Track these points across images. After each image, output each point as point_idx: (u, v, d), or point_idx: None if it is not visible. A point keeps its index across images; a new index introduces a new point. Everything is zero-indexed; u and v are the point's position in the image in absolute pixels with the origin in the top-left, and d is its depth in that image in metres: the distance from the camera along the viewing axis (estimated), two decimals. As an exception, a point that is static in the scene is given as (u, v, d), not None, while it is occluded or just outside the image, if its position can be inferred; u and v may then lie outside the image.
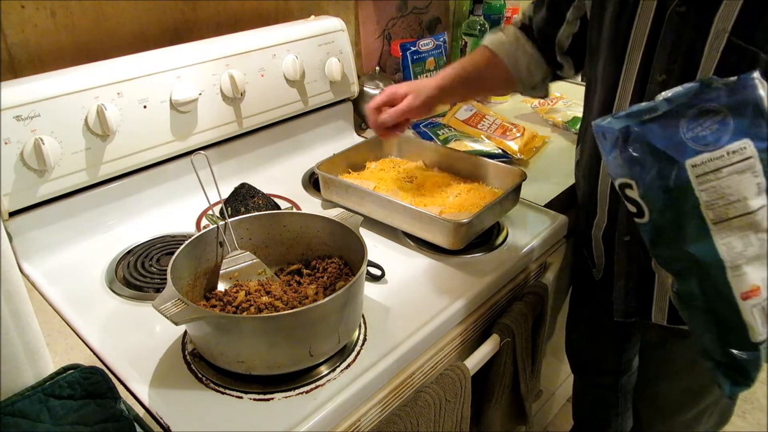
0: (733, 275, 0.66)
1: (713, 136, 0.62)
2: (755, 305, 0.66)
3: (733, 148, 0.62)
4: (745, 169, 0.62)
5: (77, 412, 0.64)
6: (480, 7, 1.71)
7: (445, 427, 0.91)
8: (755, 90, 0.62)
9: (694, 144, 0.63)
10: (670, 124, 0.64)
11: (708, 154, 0.62)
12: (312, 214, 0.91)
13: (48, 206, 0.99)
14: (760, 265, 0.65)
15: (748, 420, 1.89)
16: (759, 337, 0.68)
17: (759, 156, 0.62)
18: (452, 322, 0.92)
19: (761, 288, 0.66)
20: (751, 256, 0.65)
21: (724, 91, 0.63)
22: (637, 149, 0.66)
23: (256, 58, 1.20)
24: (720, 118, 0.62)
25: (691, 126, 0.63)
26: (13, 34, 0.99)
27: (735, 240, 0.64)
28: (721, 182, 0.63)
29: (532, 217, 1.15)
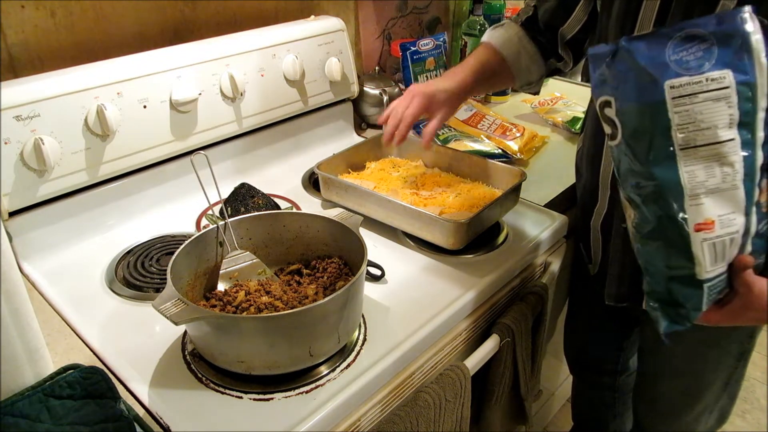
0: (690, 204, 0.66)
1: (697, 62, 0.63)
2: (706, 239, 0.67)
3: (713, 75, 0.63)
4: (721, 97, 0.63)
5: (77, 412, 0.64)
6: (480, 7, 1.71)
7: (445, 427, 0.91)
8: (744, 23, 0.63)
9: (677, 66, 0.64)
10: (657, 44, 0.65)
11: (688, 77, 0.64)
12: (312, 214, 0.91)
13: (48, 206, 0.99)
14: (719, 200, 0.66)
15: (748, 420, 1.89)
16: (705, 274, 0.69)
17: (736, 88, 0.63)
18: (452, 322, 0.92)
19: (715, 223, 0.66)
20: (711, 187, 0.65)
21: (714, 18, 0.64)
22: (621, 63, 0.67)
23: (256, 58, 1.20)
24: (706, 45, 0.63)
25: (677, 49, 0.64)
26: (13, 34, 0.99)
27: (699, 169, 0.65)
28: (695, 107, 0.64)
29: (532, 217, 1.15)
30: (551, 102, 1.61)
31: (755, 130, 0.65)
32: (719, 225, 0.67)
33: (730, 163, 0.65)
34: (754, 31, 0.63)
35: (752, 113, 0.64)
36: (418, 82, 1.49)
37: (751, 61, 0.63)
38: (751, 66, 0.63)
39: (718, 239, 0.67)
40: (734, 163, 0.65)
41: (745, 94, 0.63)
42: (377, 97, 1.45)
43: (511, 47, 1.08)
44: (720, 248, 0.68)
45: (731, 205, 0.66)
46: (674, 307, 0.72)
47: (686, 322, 0.73)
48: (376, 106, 1.47)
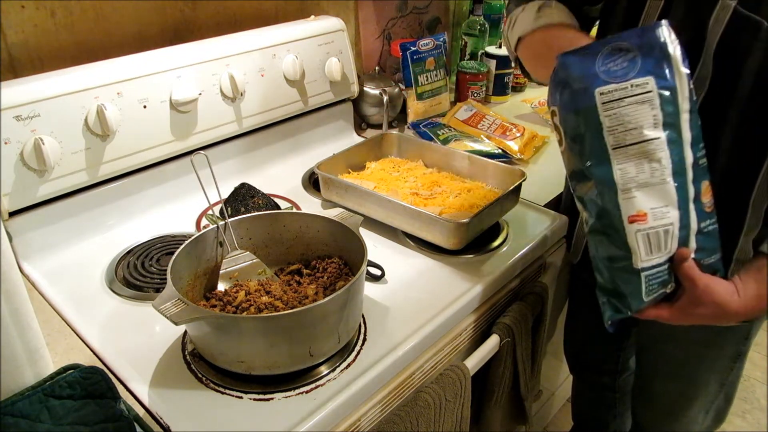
0: (623, 198, 0.72)
1: (622, 71, 0.70)
2: (640, 230, 0.73)
3: (637, 82, 0.70)
4: (645, 101, 0.70)
5: (77, 412, 0.64)
6: (480, 7, 1.71)
7: (445, 427, 0.91)
8: (662, 35, 0.69)
9: (605, 76, 0.71)
10: (588, 58, 0.72)
11: (615, 84, 0.70)
12: (312, 214, 0.91)
13: (48, 206, 0.99)
14: (649, 193, 0.72)
15: (748, 420, 1.89)
16: (640, 263, 0.74)
17: (658, 92, 0.70)
18: (452, 321, 0.92)
19: (647, 215, 0.72)
20: (642, 181, 0.71)
21: (637, 32, 0.71)
22: (559, 76, 0.74)
23: (256, 58, 1.20)
24: (631, 56, 0.70)
25: (605, 61, 0.71)
26: (13, 34, 0.99)
27: (630, 166, 0.71)
28: (622, 110, 0.70)
29: (532, 217, 1.15)
30: (551, 102, 1.61)
31: (680, 131, 0.71)
32: (652, 217, 0.72)
33: (657, 159, 0.71)
34: (672, 42, 0.70)
35: (675, 115, 0.70)
36: (418, 82, 1.49)
37: (671, 69, 0.70)
38: (671, 73, 0.70)
39: (651, 230, 0.73)
40: (661, 159, 0.71)
41: (667, 98, 0.70)
42: (377, 97, 1.45)
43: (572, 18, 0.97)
44: (654, 239, 0.73)
45: (662, 199, 0.72)
46: (617, 297, 0.78)
47: (627, 310, 0.78)
48: (376, 106, 1.48)
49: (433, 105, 1.55)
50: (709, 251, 0.75)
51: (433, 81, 1.53)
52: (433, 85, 1.53)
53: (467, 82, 1.63)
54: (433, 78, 1.52)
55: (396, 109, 1.52)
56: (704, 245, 0.75)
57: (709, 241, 0.75)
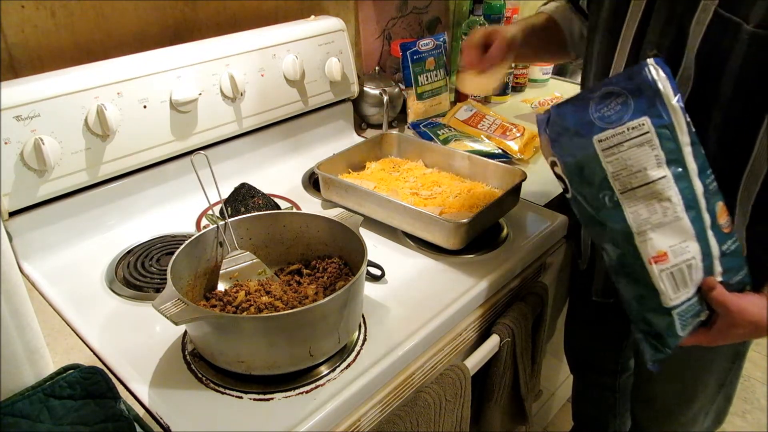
0: (640, 241, 0.72)
1: (616, 115, 0.70)
2: (663, 270, 0.72)
3: (633, 124, 0.70)
4: (644, 142, 0.70)
5: (77, 412, 0.64)
6: (480, 7, 1.71)
7: (445, 427, 0.91)
8: (649, 74, 0.69)
9: (600, 122, 0.71)
10: (581, 106, 0.72)
11: (612, 130, 0.70)
12: (312, 214, 0.91)
13: (48, 206, 0.99)
14: (666, 232, 0.71)
15: (748, 420, 1.89)
16: (670, 302, 0.73)
17: (656, 131, 0.69)
18: (452, 322, 0.92)
19: (668, 254, 0.72)
20: (656, 222, 0.71)
21: (624, 75, 0.71)
22: (555, 129, 0.75)
23: (256, 58, 1.20)
24: (622, 99, 0.70)
25: (598, 107, 0.71)
26: (13, 34, 0.99)
27: (641, 208, 0.71)
28: (623, 154, 0.70)
29: (532, 217, 1.15)
30: (551, 102, 1.61)
31: (685, 164, 0.71)
32: (672, 255, 0.72)
33: (667, 198, 0.70)
34: (660, 79, 0.69)
35: (677, 150, 0.70)
36: (418, 82, 1.49)
37: (663, 105, 0.69)
38: (665, 110, 0.69)
39: (674, 268, 0.72)
40: (671, 197, 0.70)
41: (666, 135, 0.69)
42: (377, 97, 1.45)
43: (562, 13, 1.08)
44: (679, 275, 0.73)
45: (679, 235, 0.71)
46: (653, 336, 0.77)
47: (666, 349, 0.77)
48: (376, 106, 1.48)
49: (433, 105, 1.55)
50: (736, 269, 0.75)
51: (433, 81, 1.53)
52: (433, 85, 1.53)
53: (467, 82, 1.63)
54: (433, 78, 1.52)
55: (396, 109, 1.52)
56: (729, 266, 0.74)
57: (734, 259, 0.75)
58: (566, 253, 1.19)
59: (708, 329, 0.77)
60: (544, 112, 0.77)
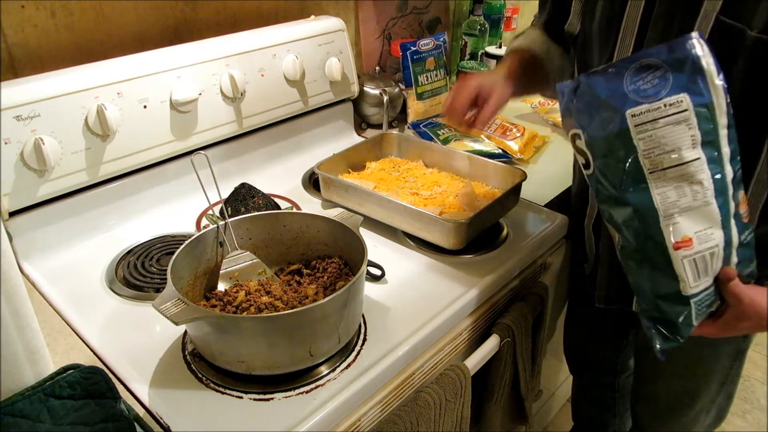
0: (666, 224, 0.69)
1: (653, 89, 0.66)
2: (686, 256, 0.69)
3: (670, 101, 0.66)
4: (681, 120, 0.66)
5: (77, 412, 0.64)
6: (480, 7, 1.71)
7: (445, 427, 0.91)
8: (693, 49, 0.66)
9: (635, 96, 0.67)
10: (615, 77, 0.68)
11: (647, 105, 0.66)
12: (312, 214, 0.91)
13: (48, 206, 0.99)
14: (693, 217, 0.68)
15: (748, 420, 1.89)
16: (689, 290, 0.71)
17: (694, 110, 0.66)
18: (452, 322, 0.92)
19: (693, 240, 0.69)
20: (684, 206, 0.68)
21: (665, 48, 0.67)
22: (583, 99, 0.70)
23: (256, 58, 1.20)
24: (660, 73, 0.66)
25: (633, 79, 0.67)
26: (13, 34, 0.99)
27: (670, 190, 0.68)
28: (657, 132, 0.66)
29: (532, 217, 1.15)
30: (551, 102, 1.61)
31: (720, 147, 0.67)
32: (697, 241, 0.69)
33: (698, 182, 0.67)
34: (704, 55, 0.65)
35: (714, 132, 0.67)
36: (418, 82, 1.49)
37: (705, 83, 0.66)
38: (706, 88, 0.66)
39: (698, 255, 0.69)
40: (703, 181, 0.67)
41: (704, 115, 0.66)
42: (377, 97, 1.45)
43: (540, 45, 1.06)
44: (701, 263, 0.70)
45: (706, 221, 0.68)
46: (666, 325, 0.74)
47: (678, 337, 0.75)
48: (376, 106, 1.48)
49: (433, 105, 1.55)
50: (748, 261, 0.74)
51: (433, 81, 1.53)
52: (433, 85, 1.53)
53: (467, 82, 1.62)
54: (433, 78, 1.52)
55: (396, 109, 1.52)
56: (744, 257, 0.73)
57: (748, 251, 0.73)
58: (566, 253, 1.19)
59: (715, 320, 0.76)
60: (570, 81, 0.73)
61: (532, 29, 1.10)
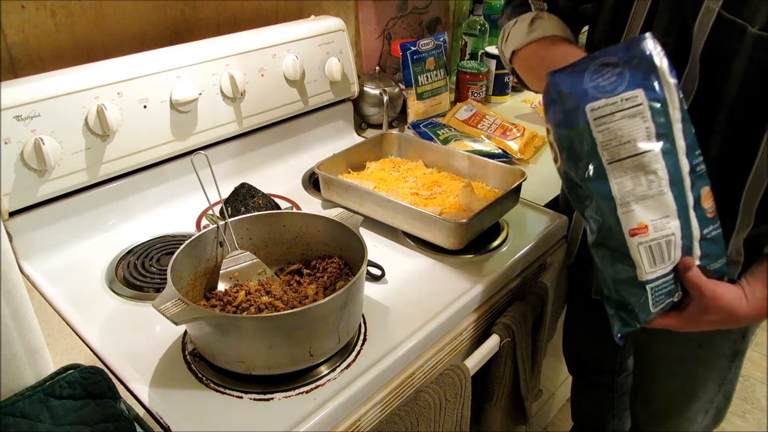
0: (622, 212, 0.72)
1: (611, 85, 0.70)
2: (641, 243, 0.72)
3: (626, 96, 0.70)
4: (636, 114, 0.70)
5: (77, 412, 0.64)
6: (480, 7, 1.71)
7: (445, 427, 0.91)
8: (647, 48, 0.70)
9: (595, 92, 0.71)
10: (577, 74, 0.72)
11: (605, 99, 0.70)
12: (312, 214, 0.91)
13: (48, 206, 0.99)
14: (648, 205, 0.71)
15: (748, 420, 1.89)
16: (645, 275, 0.73)
17: (648, 104, 0.70)
18: (452, 322, 0.92)
19: (648, 227, 0.72)
20: (640, 194, 0.71)
21: (622, 46, 0.71)
22: (550, 95, 0.75)
23: (256, 58, 1.20)
24: (618, 70, 0.70)
25: (593, 77, 0.71)
26: (13, 34, 0.99)
27: (627, 179, 0.71)
28: (614, 125, 0.70)
29: (532, 217, 1.15)
30: (551, 102, 1.61)
31: (674, 140, 0.71)
32: (652, 228, 0.72)
33: (653, 171, 0.70)
34: (657, 53, 0.70)
35: (667, 125, 0.70)
36: (418, 82, 1.49)
37: (658, 80, 0.70)
38: (659, 84, 0.70)
39: (653, 242, 0.72)
40: (657, 171, 0.70)
41: (657, 109, 0.70)
42: (377, 97, 1.45)
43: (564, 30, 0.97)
44: (657, 250, 0.73)
45: (661, 210, 0.72)
46: (624, 310, 0.77)
47: (635, 323, 0.77)
48: (376, 106, 1.48)
49: (433, 105, 1.55)
50: (715, 256, 0.75)
51: (433, 81, 1.53)
52: (433, 85, 1.53)
53: (467, 82, 1.63)
54: (433, 78, 1.52)
55: (396, 109, 1.52)
56: (709, 251, 0.74)
57: (714, 246, 0.75)
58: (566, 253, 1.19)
59: (680, 312, 0.77)
60: None
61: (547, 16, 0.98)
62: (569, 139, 0.74)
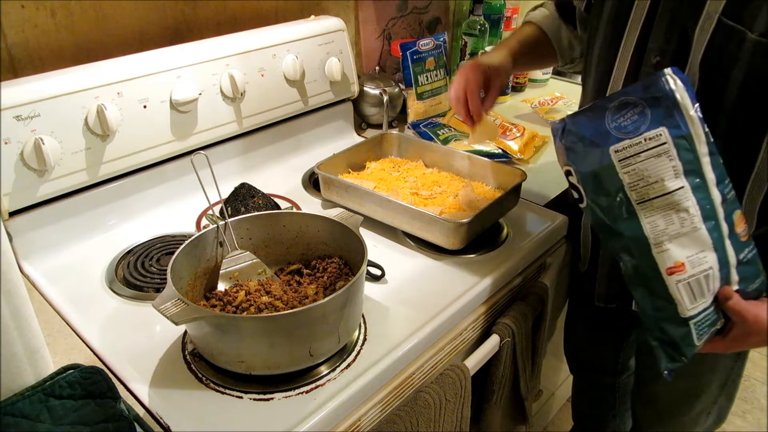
0: (657, 252, 0.72)
1: (633, 125, 0.70)
2: (680, 281, 0.72)
3: (650, 135, 0.69)
4: (661, 153, 0.69)
5: (77, 412, 0.64)
6: (480, 7, 1.71)
7: (445, 427, 0.91)
8: (666, 84, 0.69)
9: (617, 132, 0.70)
10: (597, 116, 0.72)
11: (628, 140, 0.70)
12: (312, 214, 0.91)
13: (48, 206, 0.99)
14: (683, 243, 0.71)
15: (748, 420, 1.89)
16: (687, 312, 0.73)
17: (673, 142, 0.69)
18: (452, 322, 0.92)
19: (685, 264, 0.71)
20: (673, 233, 0.71)
21: (640, 86, 0.70)
22: (570, 139, 0.74)
23: (256, 58, 1.20)
24: (639, 109, 0.70)
25: (614, 117, 0.71)
26: (13, 34, 0.99)
27: (658, 218, 0.71)
28: (640, 165, 0.70)
29: (532, 217, 1.15)
30: (551, 102, 1.61)
31: (703, 174, 0.70)
32: (689, 265, 0.71)
33: (684, 209, 0.70)
34: (678, 89, 0.69)
35: (695, 161, 0.70)
36: (418, 82, 1.49)
37: (681, 116, 0.69)
38: (682, 120, 0.69)
39: (692, 278, 0.72)
40: (689, 208, 0.70)
41: (683, 146, 0.69)
42: (377, 97, 1.45)
43: (551, 23, 1.09)
44: (696, 286, 0.72)
45: (697, 246, 0.71)
46: (670, 346, 0.77)
47: (682, 358, 0.76)
48: (376, 106, 1.48)
49: (433, 105, 1.55)
50: (752, 277, 0.75)
51: (433, 81, 1.53)
52: (433, 85, 1.53)
53: (467, 82, 1.62)
54: (433, 78, 1.52)
55: (396, 109, 1.52)
56: (746, 274, 0.74)
57: (751, 268, 0.74)
58: (566, 253, 1.19)
59: (723, 337, 0.77)
60: (559, 121, 0.77)
61: (548, 4, 1.12)
62: (595, 181, 0.73)
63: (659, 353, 0.78)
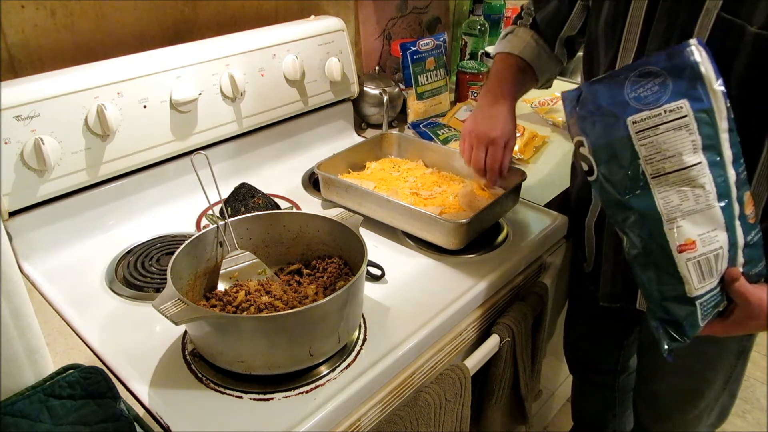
0: (669, 228, 0.70)
1: (653, 96, 0.67)
2: (690, 259, 0.70)
3: (670, 107, 0.67)
4: (681, 126, 0.67)
5: (77, 412, 0.64)
6: (480, 7, 1.71)
7: (445, 427, 0.91)
8: (691, 55, 0.66)
9: (636, 103, 0.68)
10: (616, 85, 0.69)
11: (647, 112, 0.68)
12: (312, 214, 0.91)
13: (48, 206, 0.99)
14: (696, 220, 0.69)
15: (748, 420, 1.89)
16: (694, 291, 0.72)
17: (694, 115, 0.67)
18: (452, 322, 0.92)
19: (696, 243, 0.70)
20: (687, 210, 0.69)
21: (664, 55, 0.68)
22: (586, 107, 0.72)
23: (256, 58, 1.20)
24: (660, 80, 0.67)
25: (634, 87, 0.68)
26: (13, 34, 0.99)
27: (672, 194, 0.69)
28: (658, 138, 0.68)
29: (532, 217, 1.15)
30: (551, 102, 1.61)
31: (722, 151, 0.68)
32: (701, 244, 0.70)
33: (700, 185, 0.68)
34: (703, 61, 0.66)
35: (715, 136, 0.67)
36: (418, 82, 1.49)
37: (704, 89, 0.67)
38: (705, 93, 0.67)
39: (702, 257, 0.70)
40: (705, 185, 0.68)
41: (704, 120, 0.67)
42: (377, 97, 1.45)
43: (531, 51, 1.09)
44: (706, 265, 0.71)
45: (710, 224, 0.69)
46: (673, 326, 0.75)
47: (685, 338, 0.75)
48: (376, 106, 1.48)
49: (433, 105, 1.55)
50: (756, 261, 0.74)
51: (433, 81, 1.53)
52: (433, 85, 1.53)
53: (467, 82, 1.63)
54: (433, 78, 1.52)
55: (396, 109, 1.52)
56: (751, 257, 0.73)
57: (755, 251, 0.74)
58: (566, 253, 1.19)
59: (724, 319, 0.76)
60: (573, 89, 0.74)
61: (522, 30, 1.11)
62: (609, 153, 0.71)
63: (660, 334, 0.77)
